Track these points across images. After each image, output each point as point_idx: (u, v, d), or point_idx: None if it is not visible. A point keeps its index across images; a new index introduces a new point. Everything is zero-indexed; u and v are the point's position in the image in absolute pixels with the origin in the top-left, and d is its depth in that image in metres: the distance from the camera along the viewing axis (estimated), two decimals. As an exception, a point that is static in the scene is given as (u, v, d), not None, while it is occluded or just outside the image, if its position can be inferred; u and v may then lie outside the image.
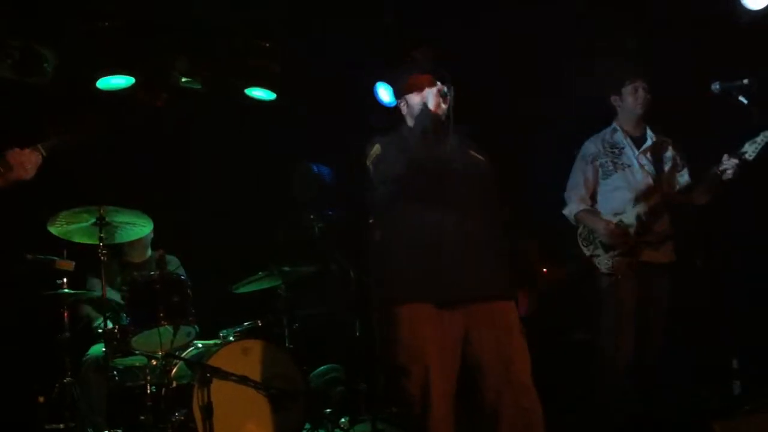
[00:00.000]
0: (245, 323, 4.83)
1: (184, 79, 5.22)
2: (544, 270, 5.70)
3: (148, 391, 4.33)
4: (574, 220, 4.61)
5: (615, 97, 4.66)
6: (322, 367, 5.33)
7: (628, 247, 4.40)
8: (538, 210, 5.05)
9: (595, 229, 4.48)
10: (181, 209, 5.60)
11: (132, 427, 4.36)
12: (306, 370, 4.74)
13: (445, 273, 3.27)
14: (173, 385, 4.37)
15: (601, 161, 4.60)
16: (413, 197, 3.33)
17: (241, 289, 5.07)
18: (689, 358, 4.90)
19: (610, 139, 4.64)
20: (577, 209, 4.58)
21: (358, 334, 5.07)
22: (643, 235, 4.42)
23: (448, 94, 3.36)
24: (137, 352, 4.45)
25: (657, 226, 4.45)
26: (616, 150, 4.60)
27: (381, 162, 3.39)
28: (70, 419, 4.33)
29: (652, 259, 4.45)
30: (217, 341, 4.68)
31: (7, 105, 4.65)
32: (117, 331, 4.42)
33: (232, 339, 4.63)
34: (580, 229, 4.58)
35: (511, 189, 3.63)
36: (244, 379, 4.33)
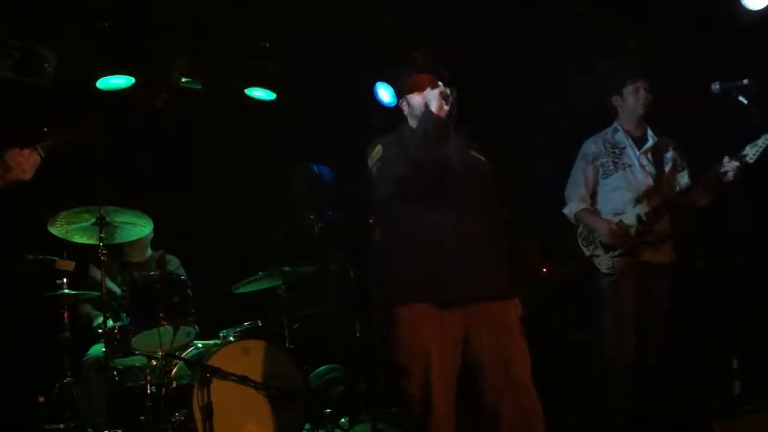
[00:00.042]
0: (245, 323, 4.83)
1: (184, 79, 5.22)
2: (544, 270, 5.70)
3: (148, 391, 4.33)
4: (574, 220, 4.60)
5: (616, 97, 4.66)
6: (322, 367, 5.33)
7: (628, 247, 4.40)
8: (538, 210, 5.04)
9: (595, 228, 4.48)
10: (181, 209, 5.60)
11: (132, 427, 4.36)
12: (306, 370, 4.74)
13: (445, 273, 3.26)
14: (173, 385, 4.37)
15: (602, 161, 4.60)
16: (413, 197, 3.32)
17: (241, 289, 5.07)
18: (689, 358, 4.90)
19: (612, 139, 4.64)
20: (577, 208, 4.58)
21: (358, 334, 5.07)
22: (643, 236, 4.42)
23: (451, 96, 3.35)
24: (137, 352, 4.45)
25: (657, 226, 4.45)
26: (617, 150, 4.60)
27: (383, 163, 3.38)
28: (70, 419, 4.34)
29: (652, 260, 4.45)
30: (217, 341, 4.68)
31: (6, 105, 4.64)
32: (117, 331, 4.43)
33: (232, 339, 4.63)
34: (580, 228, 4.58)
35: (511, 189, 3.63)
36: (244, 380, 4.33)
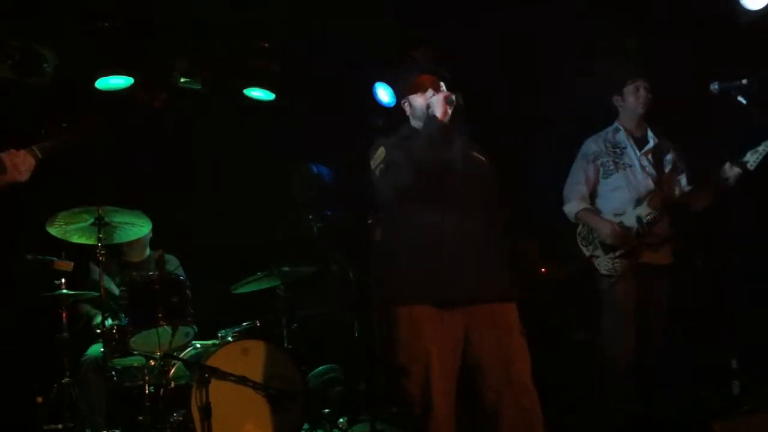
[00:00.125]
0: (244, 323, 4.82)
1: (183, 79, 5.22)
2: (544, 270, 5.70)
3: (147, 391, 4.32)
4: (575, 219, 4.60)
5: (617, 97, 4.65)
6: (320, 368, 5.32)
7: (629, 248, 4.39)
8: (538, 210, 5.04)
9: (597, 229, 4.47)
10: (181, 209, 5.59)
11: (130, 428, 4.36)
12: (305, 371, 4.74)
13: (446, 273, 3.26)
14: (171, 385, 4.36)
15: (603, 160, 4.59)
16: (414, 197, 3.32)
17: (240, 290, 5.06)
18: (689, 358, 4.89)
19: (612, 138, 4.63)
20: (577, 208, 4.57)
21: (356, 334, 5.06)
22: (643, 237, 4.41)
23: (456, 102, 3.34)
24: (136, 352, 4.44)
25: (657, 228, 4.45)
26: (617, 150, 4.59)
27: (387, 165, 3.37)
28: (69, 419, 4.33)
29: (651, 261, 4.44)
30: (216, 341, 4.67)
31: (5, 105, 4.64)
32: (115, 331, 4.42)
33: (230, 339, 4.62)
34: (580, 228, 4.57)
35: (511, 189, 3.62)
36: (242, 380, 4.32)
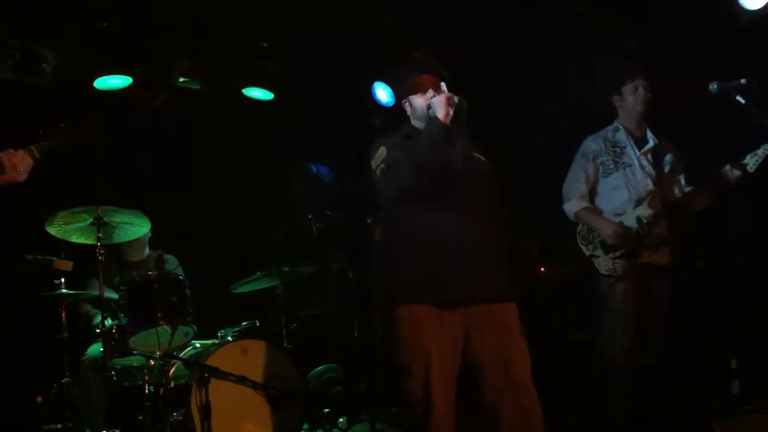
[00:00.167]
0: (243, 323, 4.82)
1: (183, 79, 5.22)
2: (544, 270, 5.70)
3: (146, 391, 4.31)
4: (575, 218, 4.59)
5: (616, 96, 4.65)
6: (320, 367, 5.32)
7: (630, 248, 4.39)
8: (538, 210, 5.03)
9: (597, 228, 4.47)
10: (181, 209, 5.59)
11: (130, 427, 4.35)
12: (305, 370, 4.73)
13: (446, 273, 3.26)
14: (171, 385, 4.36)
15: (602, 159, 4.59)
16: (415, 197, 3.31)
17: (240, 289, 5.06)
18: (689, 358, 4.89)
19: (612, 137, 4.63)
20: (578, 207, 4.57)
21: (356, 334, 5.06)
22: (643, 237, 4.41)
23: (459, 104, 3.33)
24: (135, 352, 4.44)
25: (657, 228, 4.45)
26: (617, 149, 4.59)
27: (388, 166, 3.36)
28: (69, 419, 4.33)
29: (651, 261, 4.44)
30: (215, 341, 4.67)
31: (5, 105, 4.64)
32: (115, 331, 4.42)
33: (230, 339, 4.62)
34: (580, 227, 4.57)
35: (511, 189, 3.62)
36: (242, 379, 4.32)
